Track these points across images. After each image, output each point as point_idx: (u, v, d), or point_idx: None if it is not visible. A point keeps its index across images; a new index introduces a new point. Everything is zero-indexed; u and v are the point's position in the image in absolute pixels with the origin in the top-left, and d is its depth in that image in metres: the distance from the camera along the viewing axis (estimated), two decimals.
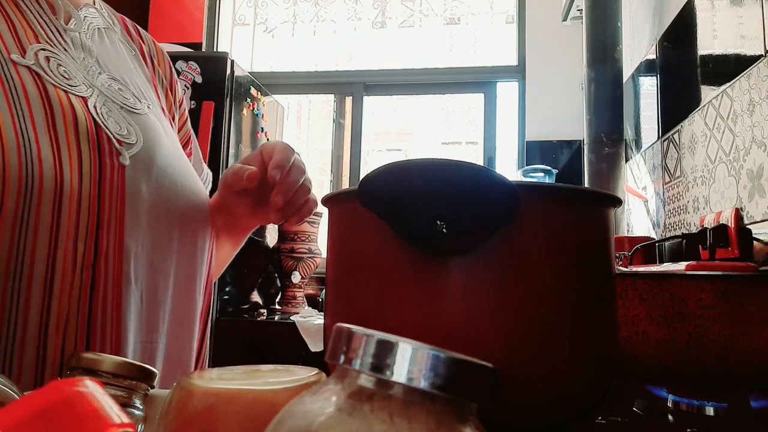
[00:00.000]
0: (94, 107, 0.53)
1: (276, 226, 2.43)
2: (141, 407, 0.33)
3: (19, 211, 0.46)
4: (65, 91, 0.52)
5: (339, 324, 0.20)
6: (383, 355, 0.18)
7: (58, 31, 0.56)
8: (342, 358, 0.19)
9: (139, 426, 0.31)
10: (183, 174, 0.61)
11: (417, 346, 0.18)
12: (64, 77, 0.53)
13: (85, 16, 0.61)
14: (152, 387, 0.34)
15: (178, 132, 0.72)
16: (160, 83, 0.69)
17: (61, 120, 0.50)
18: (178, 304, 0.59)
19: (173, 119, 0.70)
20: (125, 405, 0.33)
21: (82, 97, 0.53)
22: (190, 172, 0.63)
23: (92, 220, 0.50)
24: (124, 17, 0.70)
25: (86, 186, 0.50)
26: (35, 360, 0.47)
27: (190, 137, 0.76)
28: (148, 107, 0.61)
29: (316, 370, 0.32)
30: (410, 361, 0.18)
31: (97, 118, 0.52)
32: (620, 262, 1.38)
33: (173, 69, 0.74)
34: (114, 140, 0.53)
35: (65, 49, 0.55)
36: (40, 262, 0.47)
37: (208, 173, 0.80)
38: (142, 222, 0.54)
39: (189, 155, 0.74)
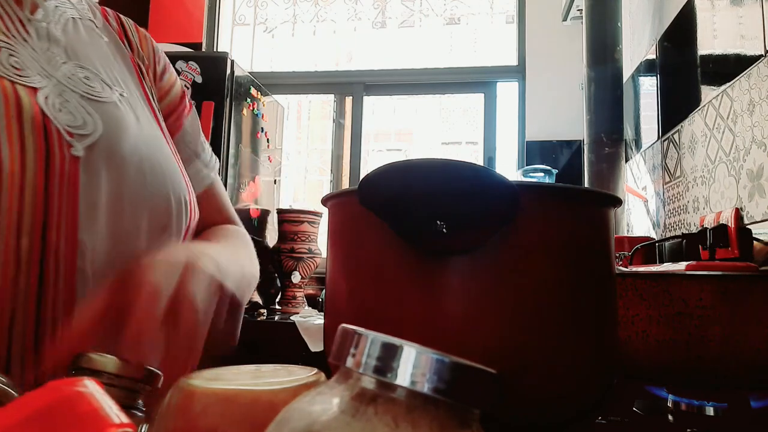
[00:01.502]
0: (45, 98, 0.52)
1: (276, 226, 2.43)
2: (144, 408, 0.33)
3: None
4: (12, 82, 0.50)
5: (344, 325, 0.20)
6: (388, 357, 0.18)
7: (21, 23, 0.55)
8: (346, 360, 0.19)
9: (142, 427, 0.31)
10: (156, 165, 0.58)
11: (421, 350, 0.18)
12: (15, 68, 0.52)
13: (57, 6, 0.60)
14: (157, 388, 0.34)
15: (161, 100, 0.69)
16: (141, 62, 0.68)
17: (2, 110, 0.48)
18: None
19: (152, 96, 0.67)
20: (128, 406, 0.32)
21: (32, 87, 0.52)
22: (166, 161, 0.60)
23: (38, 213, 0.48)
24: (105, 7, 0.68)
25: (30, 178, 0.48)
26: None
27: (177, 108, 0.71)
28: (121, 95, 0.59)
29: (315, 370, 0.32)
30: (414, 365, 0.18)
31: (47, 109, 0.51)
32: (620, 262, 1.38)
33: (156, 49, 0.71)
34: (64, 132, 0.51)
35: (24, 40, 0.55)
36: None
37: (212, 156, 0.77)
38: (101, 215, 0.52)
39: (179, 128, 0.71)
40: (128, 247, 0.55)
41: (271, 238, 2.51)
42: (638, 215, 2.02)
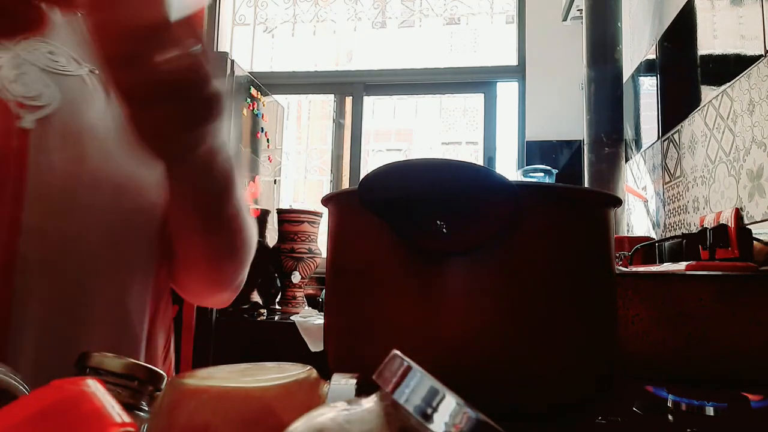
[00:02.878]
0: None
1: (276, 226, 2.43)
2: (147, 409, 0.33)
3: None
4: None
5: (396, 353, 0.21)
6: (429, 400, 0.19)
7: None
8: (390, 387, 0.20)
9: (144, 427, 0.32)
10: (124, 140, 0.53)
11: (461, 404, 0.19)
12: None
13: None
14: (160, 389, 0.34)
15: None
16: None
17: None
18: (112, 289, 0.53)
19: None
20: (131, 406, 0.33)
21: None
22: None
23: None
24: None
25: None
26: None
27: None
28: (91, 71, 0.57)
29: (307, 367, 0.32)
30: (451, 416, 0.19)
31: None
32: (620, 262, 1.38)
33: None
34: (13, 103, 0.48)
35: None
36: None
37: None
38: (55, 192, 0.49)
39: None
40: (89, 231, 0.51)
41: (271, 238, 2.51)
42: (638, 215, 2.02)
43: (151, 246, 0.57)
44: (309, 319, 2.04)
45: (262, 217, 2.50)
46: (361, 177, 0.34)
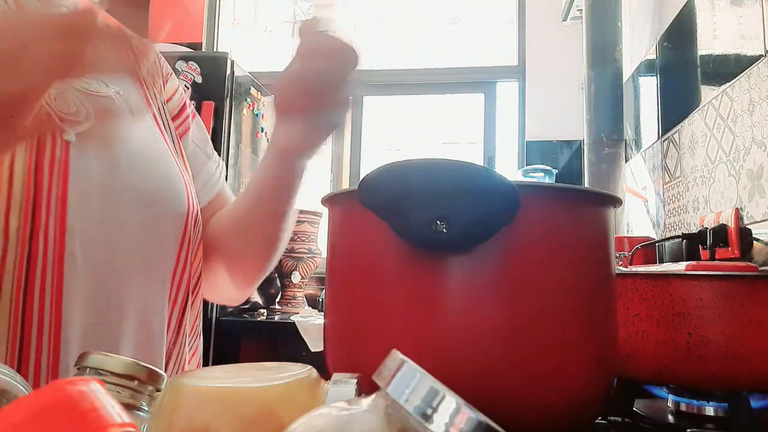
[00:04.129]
0: None
1: None
2: (147, 409, 0.33)
3: None
4: None
5: (396, 353, 0.21)
6: (429, 400, 0.19)
7: None
8: (389, 388, 0.20)
9: (144, 427, 0.31)
10: (149, 156, 0.60)
11: (461, 404, 0.19)
12: None
13: None
14: (159, 389, 0.34)
15: (167, 102, 0.72)
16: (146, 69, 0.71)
17: None
18: (141, 287, 0.58)
19: (154, 98, 0.70)
20: (131, 406, 0.33)
21: None
22: (161, 154, 0.63)
23: (27, 194, 0.49)
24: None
25: (21, 159, 0.49)
26: None
27: (182, 111, 0.75)
28: (117, 92, 0.62)
29: (308, 367, 0.32)
30: (451, 416, 0.19)
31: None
32: (620, 262, 1.38)
33: (159, 58, 0.75)
34: (55, 116, 0.52)
35: None
36: None
37: (220, 162, 0.80)
38: (93, 199, 0.54)
39: (186, 130, 0.74)
40: (121, 235, 0.56)
41: None
42: (638, 215, 2.02)
43: (173, 249, 0.63)
44: (309, 319, 2.04)
45: None
46: (361, 177, 0.34)
